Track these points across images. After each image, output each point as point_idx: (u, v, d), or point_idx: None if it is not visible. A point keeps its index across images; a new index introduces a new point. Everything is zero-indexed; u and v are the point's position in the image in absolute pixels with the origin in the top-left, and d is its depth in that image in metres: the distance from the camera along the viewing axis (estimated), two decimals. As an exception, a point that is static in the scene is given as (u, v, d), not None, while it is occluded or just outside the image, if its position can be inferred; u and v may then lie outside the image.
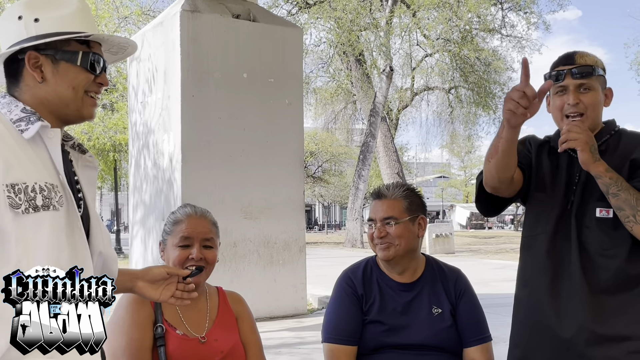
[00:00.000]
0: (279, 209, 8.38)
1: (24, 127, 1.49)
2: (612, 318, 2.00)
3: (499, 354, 2.44)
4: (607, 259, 2.02)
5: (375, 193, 2.49)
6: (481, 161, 61.08)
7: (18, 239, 1.39)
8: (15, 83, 1.58)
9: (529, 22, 26.04)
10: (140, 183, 8.84)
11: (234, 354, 2.22)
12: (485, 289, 10.28)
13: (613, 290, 2.01)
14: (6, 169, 1.40)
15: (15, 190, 1.40)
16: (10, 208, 1.39)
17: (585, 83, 2.09)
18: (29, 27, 1.55)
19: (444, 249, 20.87)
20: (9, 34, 1.57)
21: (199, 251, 2.18)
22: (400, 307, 2.40)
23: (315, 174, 42.76)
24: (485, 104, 26.88)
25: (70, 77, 1.57)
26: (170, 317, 2.19)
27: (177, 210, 2.30)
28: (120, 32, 19.94)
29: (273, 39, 8.52)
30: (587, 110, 2.09)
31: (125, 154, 19.96)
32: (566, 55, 2.17)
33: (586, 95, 2.09)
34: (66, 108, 1.58)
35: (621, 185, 1.96)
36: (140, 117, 8.89)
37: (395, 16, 24.31)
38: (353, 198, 25.34)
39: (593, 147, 1.99)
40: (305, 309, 8.64)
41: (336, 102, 31.17)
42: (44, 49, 1.55)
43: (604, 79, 2.15)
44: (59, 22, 1.57)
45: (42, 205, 1.43)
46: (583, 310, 2.01)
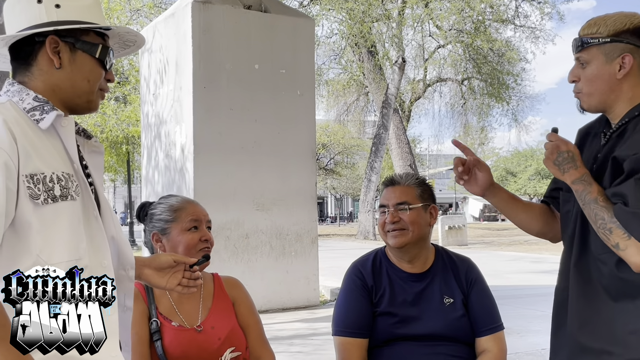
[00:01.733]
0: (291, 200, 8.38)
1: (39, 116, 1.48)
2: (597, 329, 1.82)
3: (512, 345, 2.41)
4: (602, 263, 1.83)
5: (387, 180, 2.47)
6: (494, 153, 60.82)
7: (38, 230, 1.39)
8: (26, 67, 1.55)
9: (542, 12, 25.86)
10: (153, 174, 8.88)
11: (233, 339, 2.22)
12: (498, 281, 10.25)
13: (614, 297, 1.81)
14: (25, 159, 1.39)
15: (34, 180, 1.40)
16: (30, 199, 1.39)
17: (579, 56, 1.87)
18: (50, 12, 1.53)
19: (456, 240, 20.82)
20: (25, 16, 1.54)
21: (207, 232, 2.23)
22: (410, 297, 2.37)
23: (327, 166, 42.75)
24: (499, 95, 26.72)
25: (87, 69, 1.57)
26: (164, 309, 2.20)
27: (167, 200, 2.30)
28: (132, 24, 19.98)
29: (285, 30, 8.50)
30: (584, 87, 1.87)
31: (137, 146, 20.06)
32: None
33: (584, 70, 1.87)
34: (77, 98, 1.58)
35: (585, 199, 1.79)
36: (153, 108, 8.92)
37: (407, 7, 24.19)
38: (365, 190, 25.32)
39: (561, 157, 1.83)
40: (318, 301, 8.65)
41: (348, 94, 31.09)
42: (64, 36, 1.54)
43: (615, 46, 1.81)
44: (80, 12, 1.56)
45: (61, 196, 1.43)
46: (572, 318, 1.89)
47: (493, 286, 2.51)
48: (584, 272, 1.87)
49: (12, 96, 1.51)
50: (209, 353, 2.15)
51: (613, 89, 1.84)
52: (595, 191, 1.78)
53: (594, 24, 1.85)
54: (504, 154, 60.79)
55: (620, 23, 1.82)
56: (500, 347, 2.37)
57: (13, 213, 1.37)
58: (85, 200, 1.51)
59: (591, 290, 1.85)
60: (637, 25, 1.81)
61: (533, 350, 5.90)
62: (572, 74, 1.90)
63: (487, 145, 51.99)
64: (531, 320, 7.30)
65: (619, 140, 1.83)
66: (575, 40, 1.90)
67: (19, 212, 1.38)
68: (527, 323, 7.13)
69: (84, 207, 1.50)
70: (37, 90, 1.52)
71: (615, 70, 1.82)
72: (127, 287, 1.68)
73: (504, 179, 59.83)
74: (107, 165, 23.14)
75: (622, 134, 1.83)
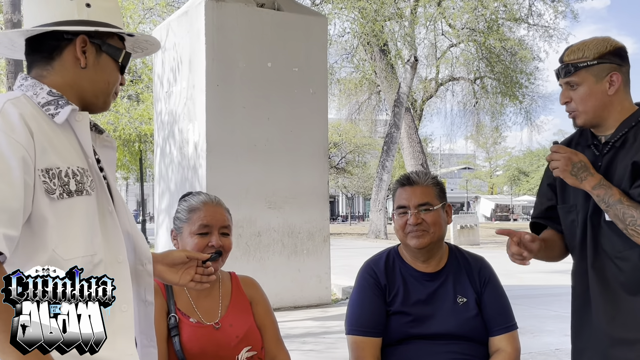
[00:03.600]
0: (303, 198, 8.38)
1: (54, 111, 1.47)
2: (628, 321, 2.00)
3: (525, 345, 2.40)
4: (622, 261, 2.01)
5: (404, 179, 2.42)
6: (507, 152, 60.58)
7: (53, 225, 1.39)
8: (47, 61, 1.54)
9: (556, 11, 25.63)
10: (166, 171, 8.91)
11: (250, 338, 2.21)
12: (511, 280, 10.19)
13: (633, 291, 1.99)
14: (41, 153, 1.39)
15: (50, 175, 1.40)
16: (46, 193, 1.38)
17: (569, 80, 2.07)
18: (81, 10, 1.54)
19: (468, 240, 20.76)
20: (55, 11, 1.53)
21: (218, 238, 2.17)
22: (424, 297, 2.36)
23: (338, 165, 42.71)
24: (512, 94, 26.57)
25: (108, 72, 1.58)
26: (183, 306, 2.19)
27: (191, 198, 2.27)
28: (145, 23, 20.06)
29: (297, 28, 8.50)
30: (578, 106, 2.07)
31: (150, 144, 20.12)
32: (562, 53, 2.17)
33: (575, 91, 2.07)
34: (95, 98, 1.58)
35: (608, 201, 1.97)
36: (166, 106, 8.95)
37: (420, 5, 24.11)
38: (377, 189, 25.27)
39: (575, 167, 2.02)
40: (330, 299, 8.65)
41: (360, 92, 31.03)
42: (93, 37, 1.55)
43: (602, 67, 2.04)
44: (107, 13, 1.57)
45: (76, 191, 1.43)
46: (599, 315, 2.05)
47: (506, 286, 2.50)
48: (601, 273, 2.03)
49: (25, 90, 1.51)
50: (226, 350, 2.14)
51: (606, 105, 2.05)
52: (617, 193, 1.96)
53: (578, 49, 2.07)
54: (516, 154, 60.51)
55: (602, 46, 2.05)
56: (514, 347, 2.35)
57: (30, 208, 1.37)
58: (100, 195, 1.51)
59: (611, 289, 2.02)
60: (615, 47, 2.06)
61: (546, 350, 5.86)
62: (563, 96, 2.10)
63: (499, 144, 51.76)
64: (544, 321, 7.27)
65: (622, 149, 2.02)
66: (561, 66, 2.10)
67: (35, 207, 1.37)
68: (541, 323, 7.09)
69: (99, 202, 1.50)
70: (53, 85, 1.52)
71: (605, 88, 2.04)
72: (146, 282, 1.67)
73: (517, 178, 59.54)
74: (120, 164, 23.20)
75: (624, 143, 2.03)
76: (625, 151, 2.01)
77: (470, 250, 2.62)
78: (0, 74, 16.75)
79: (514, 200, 59.22)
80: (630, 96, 2.12)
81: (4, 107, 1.40)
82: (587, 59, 2.04)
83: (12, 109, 1.40)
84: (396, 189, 2.44)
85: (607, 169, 2.04)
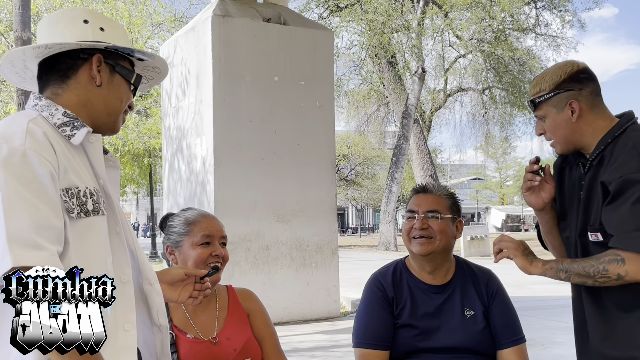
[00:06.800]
0: (311, 211, 8.38)
1: (69, 132, 1.50)
2: (620, 339, 1.99)
3: (535, 356, 2.38)
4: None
5: (419, 187, 2.45)
6: (517, 162, 60.39)
7: (73, 244, 1.40)
8: (63, 79, 1.58)
9: (563, 21, 25.62)
10: (175, 186, 8.94)
11: (249, 350, 2.22)
12: (521, 292, 10.13)
13: (624, 309, 1.99)
14: (63, 172, 1.42)
15: (69, 194, 1.42)
16: (67, 213, 1.40)
17: (536, 115, 2.13)
18: (95, 33, 1.59)
19: (479, 251, 20.67)
20: (70, 33, 1.58)
21: (220, 248, 2.21)
22: (431, 310, 2.35)
23: (348, 177, 42.70)
24: (521, 104, 26.51)
25: (122, 91, 1.63)
26: (179, 322, 2.20)
27: (184, 213, 2.31)
28: (154, 38, 20.22)
29: (304, 42, 8.54)
30: (551, 136, 2.12)
31: (159, 159, 20.19)
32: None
33: (545, 123, 2.12)
34: (107, 117, 1.62)
35: (564, 267, 2.00)
36: (174, 121, 8.99)
37: (427, 17, 24.16)
38: (386, 201, 25.23)
39: (526, 250, 2.08)
40: (339, 312, 8.62)
41: (368, 104, 31.08)
42: (107, 57, 1.60)
43: (560, 97, 2.06)
44: (118, 39, 1.63)
45: (93, 210, 1.46)
46: (593, 334, 2.06)
47: (516, 297, 2.48)
48: (594, 291, 2.04)
49: (41, 110, 1.53)
50: None
51: (574, 131, 2.07)
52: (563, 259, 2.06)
53: (536, 84, 2.11)
54: (526, 164, 60.12)
55: (556, 75, 2.07)
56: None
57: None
58: (109, 215, 1.53)
59: (604, 309, 2.03)
60: (569, 73, 2.06)
61: (557, 362, 5.82)
62: (537, 128, 2.17)
63: (509, 154, 51.57)
64: (555, 332, 7.20)
65: (600, 167, 2.03)
66: (528, 102, 2.16)
67: None
68: (551, 335, 7.03)
69: (109, 222, 1.52)
70: (68, 103, 1.55)
71: (568, 116, 2.06)
72: (157, 303, 1.65)
73: (527, 188, 59.05)
74: (130, 178, 23.31)
75: (601, 161, 2.04)
76: (603, 169, 2.01)
77: (480, 261, 2.61)
78: (11, 91, 16.87)
79: (524, 210, 58.93)
80: (605, 111, 2.09)
81: (30, 127, 1.42)
82: (544, 92, 2.08)
83: (36, 128, 1.43)
84: (411, 197, 2.46)
85: (588, 188, 2.05)
